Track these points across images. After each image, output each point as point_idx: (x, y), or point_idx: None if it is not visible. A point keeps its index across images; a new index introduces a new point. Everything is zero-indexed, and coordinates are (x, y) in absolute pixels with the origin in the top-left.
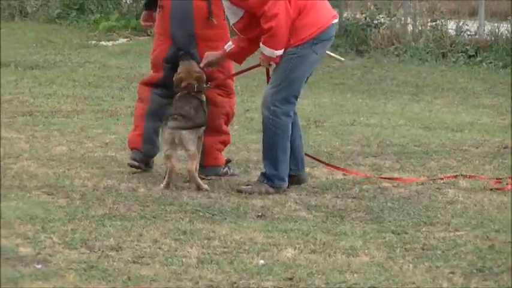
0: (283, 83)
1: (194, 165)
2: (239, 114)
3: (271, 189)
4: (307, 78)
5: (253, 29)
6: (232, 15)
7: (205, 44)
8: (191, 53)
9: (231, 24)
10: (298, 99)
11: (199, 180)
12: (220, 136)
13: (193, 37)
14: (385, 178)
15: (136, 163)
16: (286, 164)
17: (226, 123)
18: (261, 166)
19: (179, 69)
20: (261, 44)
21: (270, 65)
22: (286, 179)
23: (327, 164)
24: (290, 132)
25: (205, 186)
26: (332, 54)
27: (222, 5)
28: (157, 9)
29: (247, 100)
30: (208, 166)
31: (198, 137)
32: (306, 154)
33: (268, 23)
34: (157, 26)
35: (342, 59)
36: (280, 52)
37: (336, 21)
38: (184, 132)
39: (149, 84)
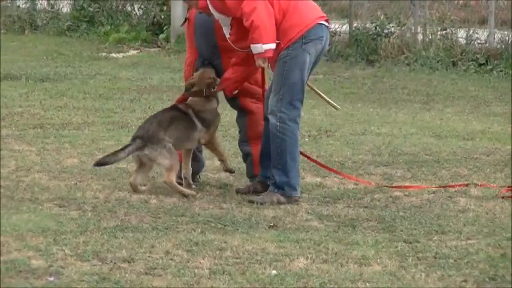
0: (283, 88)
1: (171, 177)
2: None
3: (282, 198)
4: (307, 79)
5: (244, 38)
6: (224, 27)
7: (227, 55)
8: (214, 64)
9: (227, 39)
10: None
11: (181, 188)
12: None
13: (217, 48)
14: (395, 187)
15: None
16: (296, 172)
17: None
18: None
19: (194, 74)
20: (250, 45)
21: (263, 62)
22: (298, 189)
23: (338, 173)
24: (298, 140)
25: (191, 192)
26: (329, 100)
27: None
28: (185, 22)
29: None
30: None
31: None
32: (317, 162)
33: (249, 20)
34: (186, 39)
35: (338, 107)
36: (269, 46)
37: (324, 22)
38: (146, 151)
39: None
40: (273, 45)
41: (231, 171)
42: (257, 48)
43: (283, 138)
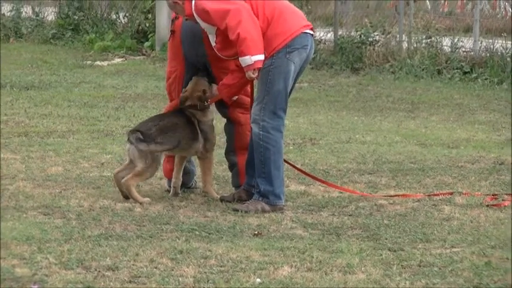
0: (266, 96)
1: (134, 181)
2: None
3: (267, 207)
4: (291, 91)
5: (229, 47)
6: (210, 35)
7: (218, 64)
8: (208, 71)
9: (213, 47)
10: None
11: (136, 194)
12: None
13: (206, 57)
14: (379, 196)
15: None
16: (281, 180)
17: None
18: None
19: (187, 87)
20: (239, 58)
21: (253, 73)
22: (283, 197)
23: (323, 181)
24: (282, 149)
25: (145, 200)
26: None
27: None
28: (169, 35)
29: None
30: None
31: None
32: (301, 170)
33: (235, 33)
34: (170, 51)
35: None
36: (258, 57)
37: (309, 30)
38: (133, 147)
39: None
40: (261, 56)
41: (213, 198)
42: (246, 60)
43: (267, 147)
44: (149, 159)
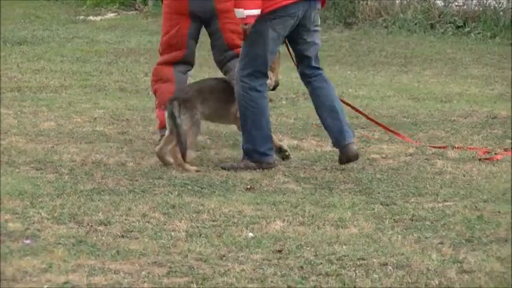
0: (245, 58)
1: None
2: None
3: (251, 164)
4: (278, 52)
5: None
6: None
7: (225, 15)
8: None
9: None
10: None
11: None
12: None
13: (214, 11)
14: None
15: None
16: (263, 138)
17: None
18: None
19: None
20: (234, 9)
21: (245, 25)
22: (270, 153)
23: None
24: (264, 108)
25: (193, 168)
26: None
27: None
28: None
29: None
30: None
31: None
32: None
33: None
34: (170, 5)
35: None
36: (251, 12)
37: (303, 2)
38: (180, 118)
39: (170, 63)
40: (255, 11)
41: None
42: (239, 13)
43: (246, 107)
44: (195, 128)
